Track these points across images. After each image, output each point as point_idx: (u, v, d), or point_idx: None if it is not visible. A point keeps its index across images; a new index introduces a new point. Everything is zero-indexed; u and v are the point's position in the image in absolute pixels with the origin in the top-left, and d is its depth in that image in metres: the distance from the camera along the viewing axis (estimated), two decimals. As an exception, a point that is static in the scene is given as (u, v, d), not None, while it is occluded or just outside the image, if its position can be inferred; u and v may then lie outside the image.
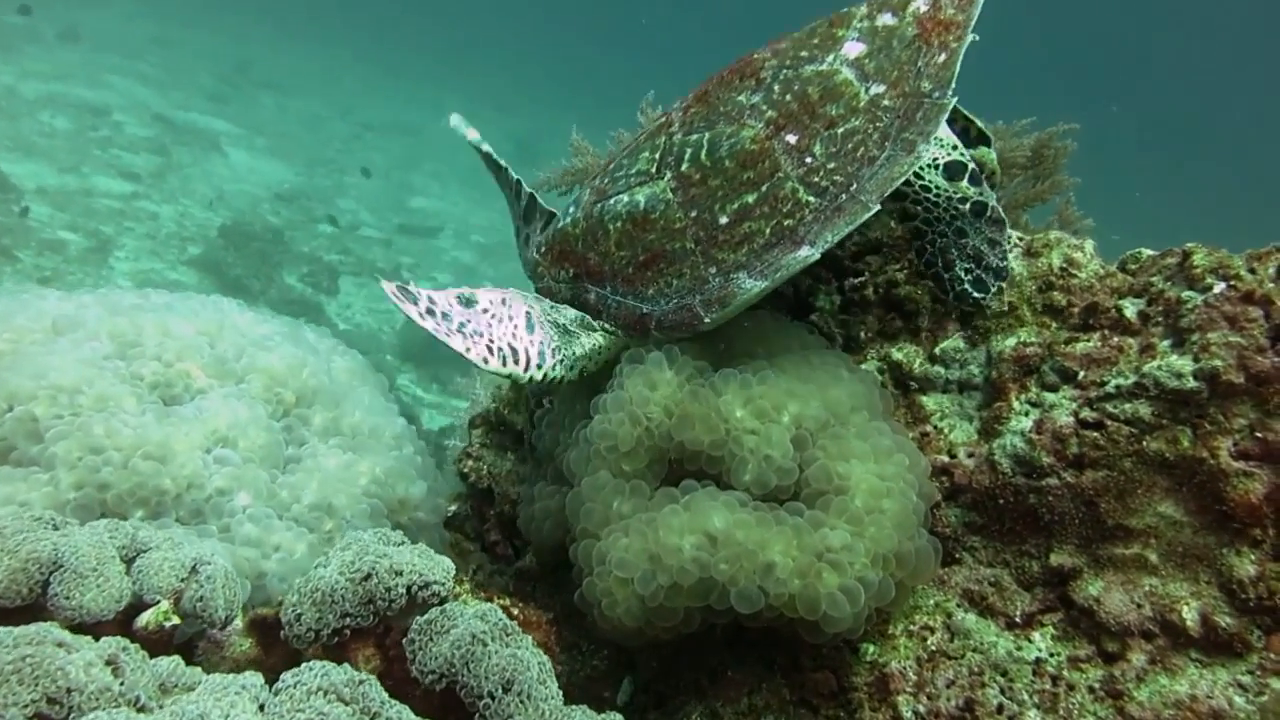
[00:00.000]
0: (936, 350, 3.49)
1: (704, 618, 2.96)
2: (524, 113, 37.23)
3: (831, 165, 3.13)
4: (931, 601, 3.19)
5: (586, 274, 3.33)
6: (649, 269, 3.22)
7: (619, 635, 3.02)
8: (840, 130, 3.14)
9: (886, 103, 3.17)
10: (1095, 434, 2.99)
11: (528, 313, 3.29)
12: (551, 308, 3.37)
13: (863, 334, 3.64)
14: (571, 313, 3.38)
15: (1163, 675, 2.87)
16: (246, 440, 3.56)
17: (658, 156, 3.24)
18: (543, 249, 3.47)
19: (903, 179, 3.15)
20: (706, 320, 3.18)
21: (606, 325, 3.37)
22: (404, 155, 29.22)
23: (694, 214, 3.16)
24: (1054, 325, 3.31)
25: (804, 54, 3.25)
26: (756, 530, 2.85)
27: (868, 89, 3.18)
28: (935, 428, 3.40)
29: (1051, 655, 3.00)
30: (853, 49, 3.23)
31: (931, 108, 3.16)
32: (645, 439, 3.09)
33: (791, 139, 3.13)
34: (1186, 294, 3.02)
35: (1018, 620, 3.09)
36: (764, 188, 3.12)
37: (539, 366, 3.25)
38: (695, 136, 3.19)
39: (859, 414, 3.15)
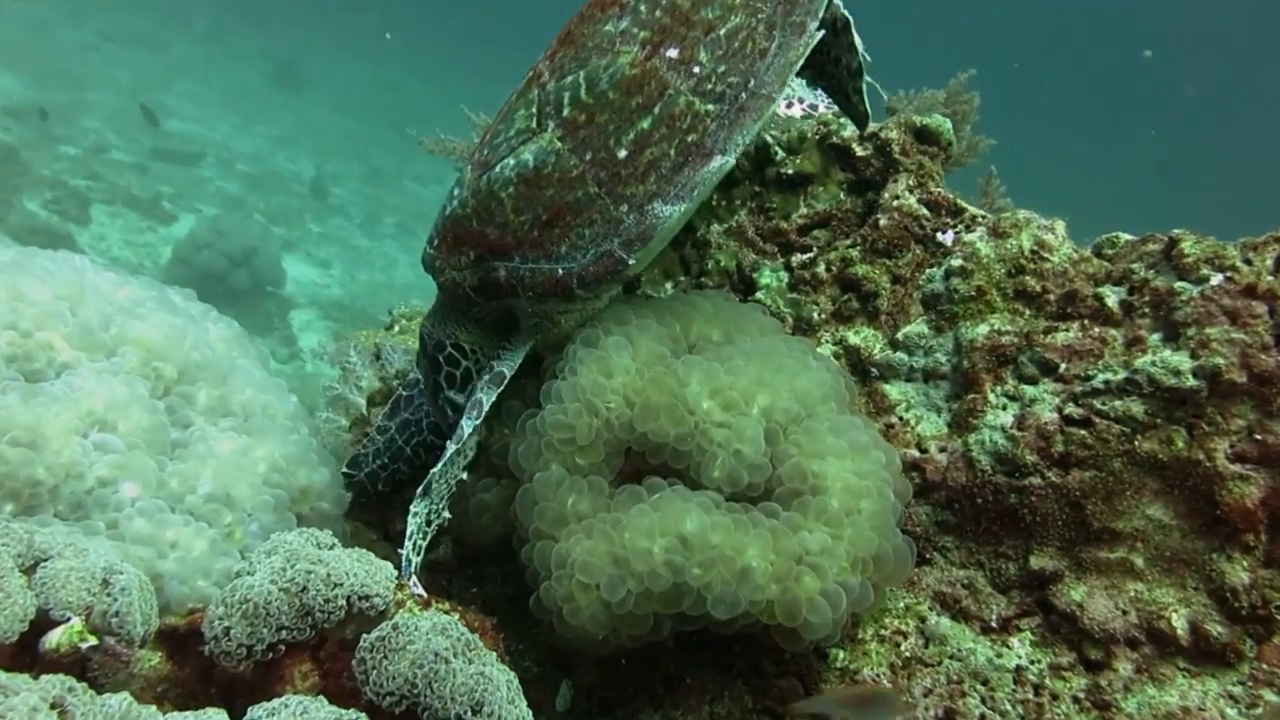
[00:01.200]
0: (899, 335, 3.49)
1: (674, 625, 2.89)
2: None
3: (722, 69, 3.08)
4: (902, 604, 3.20)
5: (489, 252, 3.17)
6: (555, 226, 3.09)
7: (580, 643, 2.93)
8: (722, 31, 3.08)
9: None
10: (1083, 432, 3.03)
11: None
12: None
13: (816, 315, 3.61)
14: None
15: (1150, 685, 2.94)
16: (127, 422, 3.28)
17: (535, 110, 3.12)
18: (435, 242, 3.31)
19: (801, 61, 3.15)
20: (631, 262, 3.09)
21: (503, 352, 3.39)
22: (152, 72, 28.08)
23: (588, 156, 3.04)
24: (1028, 313, 3.33)
25: None
26: (733, 533, 2.79)
27: None
28: (901, 419, 3.40)
29: (1032, 663, 3.04)
30: None
31: None
32: (604, 431, 2.99)
33: (672, 53, 3.05)
34: (1180, 285, 3.07)
35: (993, 625, 3.12)
36: (657, 110, 3.04)
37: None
38: (570, 79, 3.08)
39: (828, 405, 3.12)
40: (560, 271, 3.12)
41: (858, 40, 3.37)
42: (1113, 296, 3.22)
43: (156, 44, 30.55)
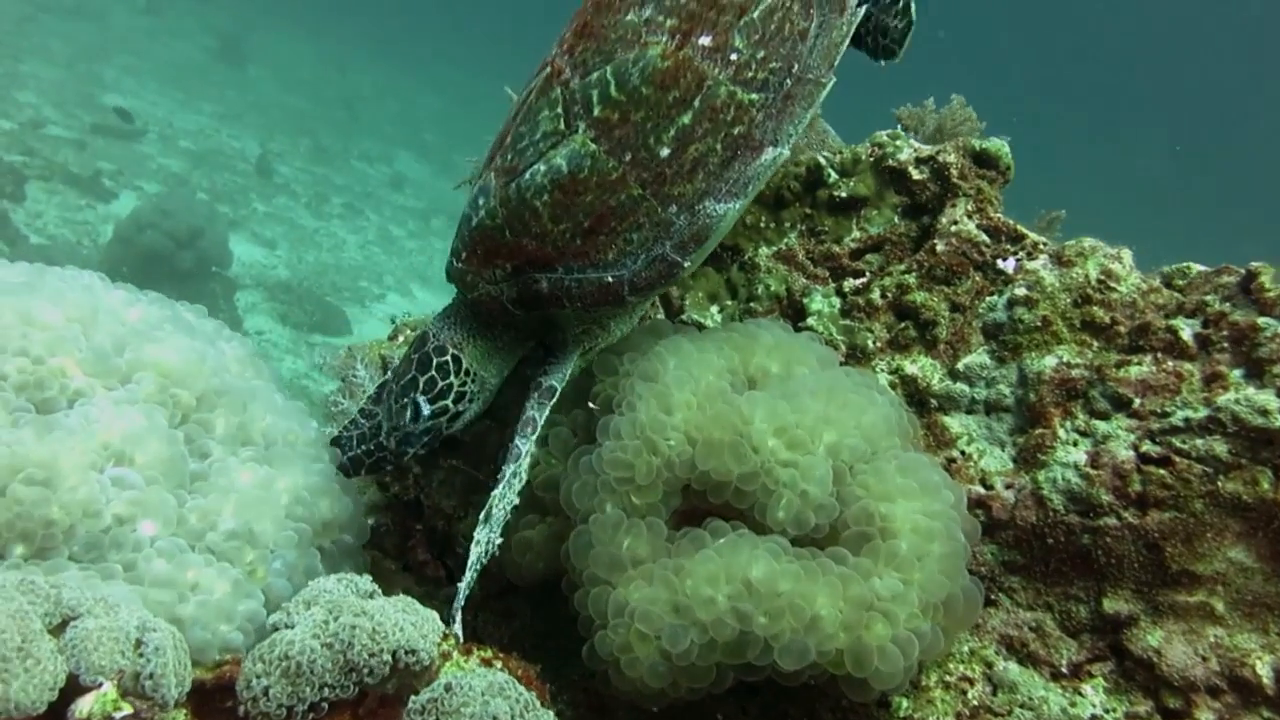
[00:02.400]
0: (959, 366, 3.34)
1: (737, 676, 2.73)
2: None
3: (761, 54, 2.94)
4: (966, 648, 3.05)
5: (528, 263, 3.00)
6: (599, 233, 2.93)
7: (638, 696, 2.76)
8: (755, 14, 2.94)
9: None
10: (1162, 471, 2.89)
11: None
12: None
13: (870, 343, 3.46)
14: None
15: (1235, 737, 2.80)
16: (145, 455, 3.09)
17: (561, 111, 2.94)
18: (463, 255, 3.12)
19: (846, 41, 3.05)
20: (686, 264, 2.97)
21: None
22: (90, 44, 27.50)
23: (627, 157, 2.88)
24: (1096, 345, 3.19)
25: None
26: (801, 580, 2.64)
27: None
28: (963, 453, 3.25)
29: (1107, 711, 2.91)
30: None
31: None
32: (664, 470, 2.83)
33: (705, 41, 2.90)
34: (1263, 321, 2.93)
35: (1064, 670, 2.98)
36: (696, 103, 2.88)
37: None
38: (596, 75, 2.91)
39: (893, 441, 2.97)
40: (610, 279, 2.96)
41: None
42: (1187, 330, 3.07)
43: (94, 15, 29.87)
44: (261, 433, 3.47)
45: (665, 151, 2.88)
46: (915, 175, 3.65)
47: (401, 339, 5.63)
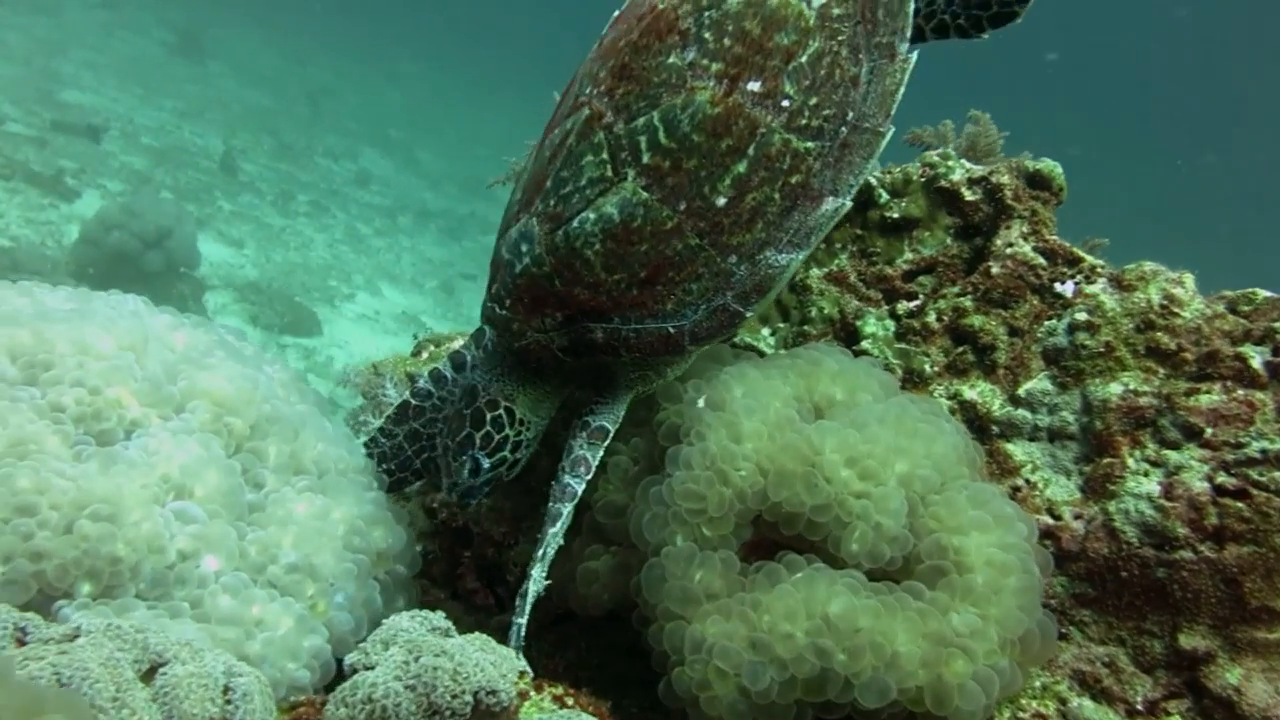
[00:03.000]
0: (1020, 392, 3.33)
1: (817, 714, 2.72)
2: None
3: (814, 101, 2.92)
4: (1039, 683, 3.04)
5: (581, 312, 2.99)
6: (657, 283, 2.92)
7: None
8: (803, 60, 2.91)
9: (837, 11, 2.97)
10: (1239, 504, 2.88)
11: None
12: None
13: (927, 367, 3.45)
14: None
15: (1318, 775, 2.79)
16: (204, 487, 3.07)
17: (607, 157, 2.91)
18: (507, 302, 3.09)
19: (902, 88, 3.02)
20: (748, 314, 2.99)
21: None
22: (46, 39, 27.15)
23: (682, 206, 2.86)
24: (1162, 372, 3.18)
25: None
26: (881, 616, 2.63)
27: (810, 3, 2.94)
28: (1028, 481, 3.25)
29: (1185, 750, 2.88)
30: None
31: (891, 1, 3.02)
32: (736, 501, 2.81)
33: (754, 86, 2.87)
34: (1341, 349, 2.92)
35: (1139, 708, 2.97)
36: (750, 151, 2.87)
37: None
38: (642, 120, 2.88)
39: (962, 471, 2.96)
40: (671, 330, 2.96)
41: None
42: (1257, 358, 3.07)
43: (49, 9, 29.42)
44: (314, 461, 3.46)
45: (721, 200, 2.87)
46: (968, 196, 3.64)
47: (426, 355, 5.63)
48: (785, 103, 2.88)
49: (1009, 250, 3.49)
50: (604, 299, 2.94)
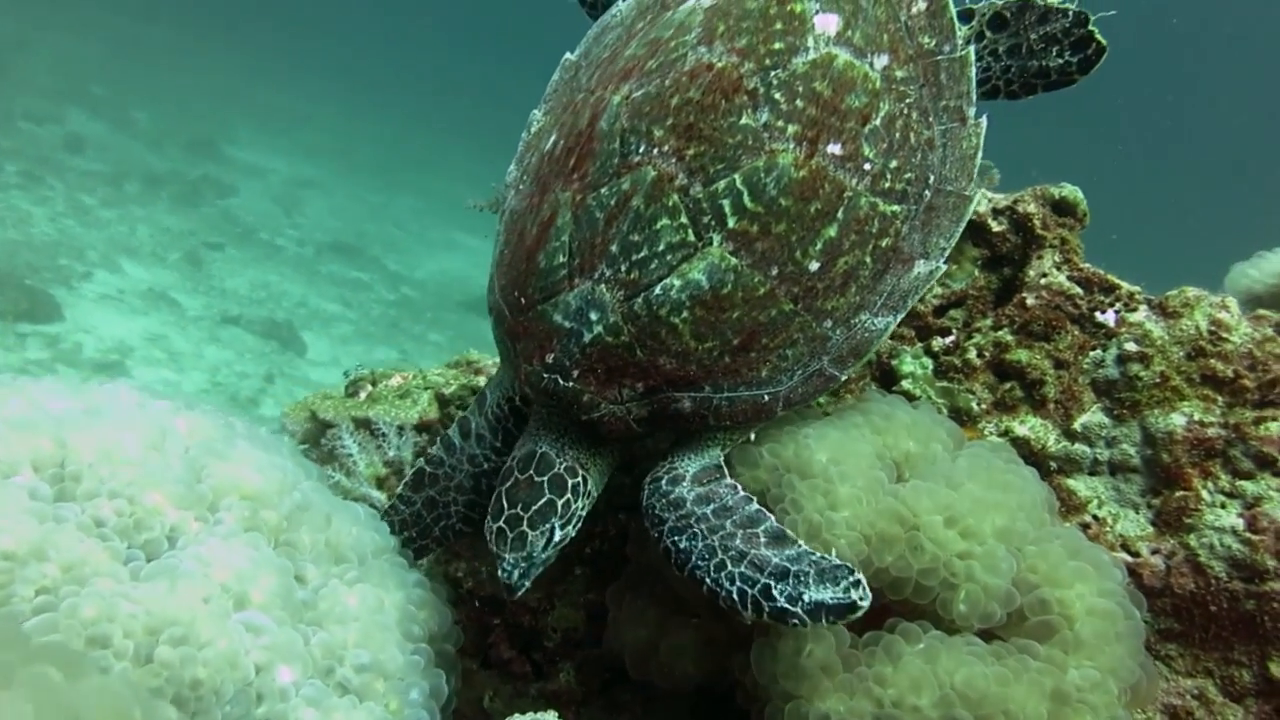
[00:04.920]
0: (1075, 426, 3.44)
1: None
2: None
3: (894, 164, 2.99)
4: (1132, 723, 3.14)
5: (666, 382, 2.97)
6: (750, 350, 2.94)
7: None
8: (878, 122, 2.98)
9: (900, 74, 3.06)
10: (1325, 533, 3.02)
11: None
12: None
13: (975, 405, 3.53)
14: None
15: None
16: (261, 592, 2.97)
17: (686, 221, 2.89)
18: (576, 374, 3.01)
19: (980, 149, 3.10)
20: (843, 378, 3.04)
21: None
22: None
23: (774, 272, 2.89)
24: (1221, 400, 3.31)
25: (777, 45, 2.99)
26: (1007, 682, 2.70)
27: (872, 65, 3.02)
28: (1096, 517, 3.36)
29: (1282, 779, 3.02)
30: (828, 23, 3.04)
31: (952, 64, 3.12)
32: (845, 572, 2.84)
33: (835, 149, 2.93)
34: None
35: (1231, 737, 3.10)
36: (840, 214, 2.92)
37: None
38: (723, 183, 2.88)
39: (1044, 517, 3.04)
40: (766, 398, 2.98)
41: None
42: (1317, 382, 3.22)
43: None
44: (351, 547, 3.40)
45: (814, 265, 2.91)
46: (995, 227, 3.74)
47: (365, 395, 5.53)
48: (866, 166, 2.93)
49: (1044, 281, 3.60)
50: (693, 367, 2.94)
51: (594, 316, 2.96)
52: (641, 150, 2.98)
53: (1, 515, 2.77)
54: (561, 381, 3.04)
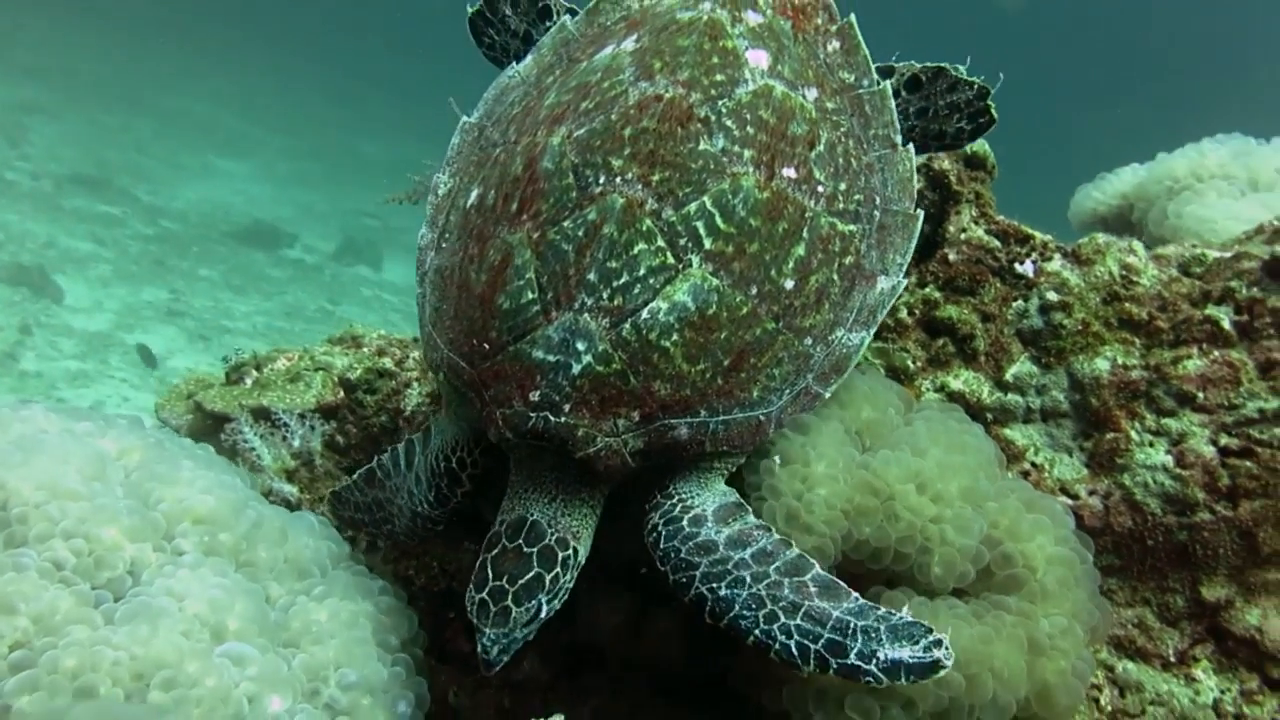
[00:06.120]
0: (1007, 377, 3.61)
1: (942, 741, 2.92)
2: None
3: (843, 186, 3.14)
4: (1086, 657, 3.35)
5: (663, 409, 2.92)
6: (741, 370, 2.96)
7: None
8: (822, 148, 3.14)
9: (830, 104, 3.26)
10: (1247, 463, 3.26)
11: None
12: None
13: (910, 364, 3.66)
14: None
15: (1340, 694, 3.25)
16: (237, 619, 2.91)
17: (664, 243, 2.91)
18: (566, 408, 2.90)
19: (914, 173, 3.26)
20: (825, 395, 3.11)
21: None
22: None
23: (754, 291, 2.95)
24: (1139, 342, 3.51)
25: (719, 77, 3.12)
26: (991, 642, 2.84)
27: (804, 96, 3.20)
28: (1034, 464, 3.54)
29: (1223, 692, 3.28)
30: (759, 58, 3.21)
31: (873, 96, 3.32)
32: (829, 547, 2.95)
33: (789, 173, 3.06)
34: (1316, 307, 3.34)
35: (1172, 659, 3.35)
36: (805, 234, 3.03)
37: None
38: (694, 205, 2.93)
39: (998, 472, 3.20)
40: (761, 418, 3.01)
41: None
42: (1226, 319, 3.44)
43: None
44: (312, 560, 3.36)
45: (790, 284, 2.98)
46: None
47: (251, 381, 5.41)
48: (820, 188, 3.06)
49: (964, 236, 3.74)
50: (688, 391, 2.93)
51: (581, 346, 2.89)
52: (602, 181, 2.99)
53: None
54: (552, 418, 2.92)
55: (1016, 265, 3.71)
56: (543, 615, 2.93)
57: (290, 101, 42.92)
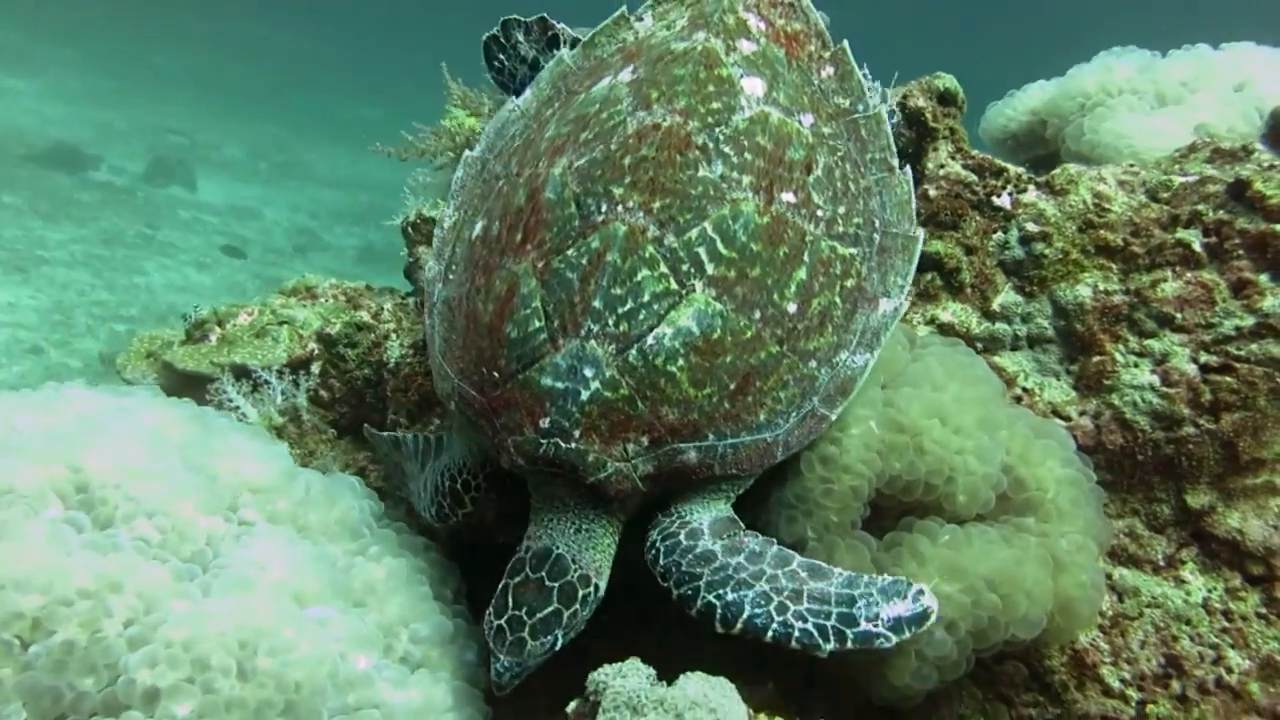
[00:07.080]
0: (994, 307, 3.87)
1: (977, 654, 3.18)
2: None
3: (842, 210, 3.28)
4: (1082, 565, 3.66)
5: (671, 434, 3.03)
6: (747, 394, 3.06)
7: (902, 701, 3.17)
8: (820, 172, 3.28)
9: (826, 130, 3.42)
10: (1227, 378, 3.57)
11: None
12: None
13: (903, 298, 3.89)
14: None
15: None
16: (314, 582, 3.05)
17: (667, 269, 3.02)
18: (576, 434, 3.00)
19: (912, 196, 3.40)
20: (832, 417, 3.20)
21: None
22: None
23: (757, 315, 3.06)
24: (1116, 267, 3.79)
25: (715, 105, 3.26)
26: (1022, 563, 3.11)
27: (800, 122, 3.36)
28: (1025, 389, 3.81)
29: (1210, 590, 3.61)
30: (755, 86, 3.36)
31: (868, 120, 3.48)
32: (865, 486, 3.18)
33: (788, 198, 3.19)
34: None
35: (1161, 564, 3.67)
36: (806, 257, 3.15)
37: None
38: (695, 231, 3.05)
39: (1004, 400, 3.46)
40: (768, 440, 3.12)
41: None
42: (1197, 242, 3.73)
43: None
44: (360, 521, 3.51)
45: (792, 307, 3.10)
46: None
47: (215, 338, 5.48)
48: (819, 212, 3.20)
49: (942, 171, 3.98)
50: (695, 416, 3.03)
51: (589, 373, 2.99)
52: (604, 209, 3.11)
53: (62, 553, 2.79)
54: (563, 444, 3.02)
55: (994, 198, 3.96)
56: (557, 648, 3.04)
57: (77, 13, 41.08)
